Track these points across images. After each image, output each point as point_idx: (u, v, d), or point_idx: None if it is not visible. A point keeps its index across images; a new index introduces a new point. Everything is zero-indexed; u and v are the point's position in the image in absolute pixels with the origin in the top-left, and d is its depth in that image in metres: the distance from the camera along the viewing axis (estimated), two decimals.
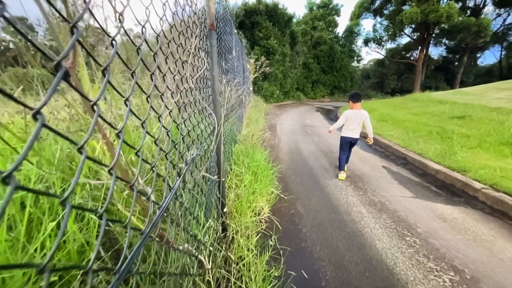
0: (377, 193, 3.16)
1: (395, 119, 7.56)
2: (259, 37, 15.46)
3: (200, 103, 1.50)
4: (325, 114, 11.95)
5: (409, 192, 3.23)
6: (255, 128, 5.52)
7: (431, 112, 7.69)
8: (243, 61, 5.64)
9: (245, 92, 5.55)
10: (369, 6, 25.93)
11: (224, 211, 1.87)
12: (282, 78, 17.49)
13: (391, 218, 2.56)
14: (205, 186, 1.59)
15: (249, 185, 2.36)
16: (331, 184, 3.38)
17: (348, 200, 2.93)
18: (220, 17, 2.37)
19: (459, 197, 3.13)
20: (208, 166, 1.51)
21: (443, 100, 8.89)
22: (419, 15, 19.21)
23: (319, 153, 4.90)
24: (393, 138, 5.65)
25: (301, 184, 3.37)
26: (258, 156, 3.03)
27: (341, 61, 24.27)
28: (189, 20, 1.28)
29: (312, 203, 2.82)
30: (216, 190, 1.79)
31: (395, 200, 2.98)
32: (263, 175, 2.70)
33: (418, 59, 24.89)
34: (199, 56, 1.38)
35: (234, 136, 3.12)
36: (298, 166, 4.09)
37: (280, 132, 6.89)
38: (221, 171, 1.74)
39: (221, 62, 2.11)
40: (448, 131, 5.46)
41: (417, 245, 2.14)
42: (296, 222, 2.43)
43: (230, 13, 2.97)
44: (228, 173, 2.49)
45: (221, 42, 2.41)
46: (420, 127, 6.21)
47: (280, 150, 4.93)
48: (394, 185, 3.47)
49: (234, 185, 2.36)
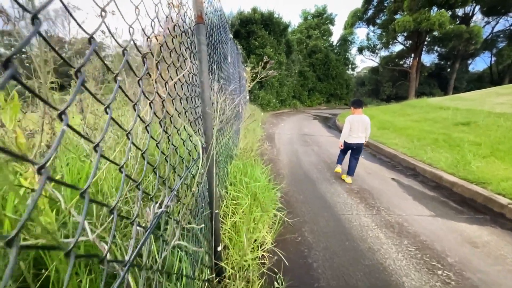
0: (392, 212, 2.81)
1: (396, 127, 7.31)
2: (255, 46, 15.37)
3: (186, 116, 1.16)
4: (323, 122, 11.71)
5: (427, 210, 2.89)
6: (253, 139, 5.18)
7: (433, 119, 7.48)
8: (239, 69, 5.36)
9: (241, 101, 5.24)
10: (362, 16, 26.39)
11: (218, 250, 1.49)
12: (278, 87, 17.34)
13: (414, 245, 2.20)
14: (194, 221, 1.22)
15: (248, 211, 1.99)
16: (340, 202, 3.02)
17: (361, 222, 2.57)
18: (212, 13, 2.06)
19: (483, 214, 2.79)
20: (194, 208, 1.15)
21: (443, 106, 8.72)
22: (411, 23, 19.50)
23: (322, 164, 4.56)
24: (398, 147, 5.36)
25: (306, 202, 3.01)
26: (258, 173, 2.67)
27: (337, 69, 24.38)
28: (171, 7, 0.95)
29: (321, 227, 2.45)
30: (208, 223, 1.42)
31: (413, 220, 2.63)
32: (264, 197, 2.33)
33: (412, 66, 25.18)
34: (183, 56, 1.04)
35: (230, 151, 2.77)
36: (300, 181, 3.73)
37: (279, 142, 6.56)
38: (213, 201, 1.37)
39: (213, 65, 1.78)
40: (456, 139, 5.19)
41: (453, 282, 1.78)
42: (305, 254, 2.05)
43: (224, 15, 2.68)
44: (224, 197, 2.11)
45: (214, 45, 2.09)
46: (424, 135, 5.95)
47: (280, 163, 4.58)
48: (408, 201, 3.12)
49: (230, 212, 1.99)
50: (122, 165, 0.60)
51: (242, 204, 2.13)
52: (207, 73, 1.16)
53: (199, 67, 1.18)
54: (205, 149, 1.27)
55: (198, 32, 1.12)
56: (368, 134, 3.51)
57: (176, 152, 0.97)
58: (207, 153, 1.27)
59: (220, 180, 2.03)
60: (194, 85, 1.23)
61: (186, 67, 0.92)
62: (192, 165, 1.03)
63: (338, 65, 24.57)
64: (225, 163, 2.33)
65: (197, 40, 1.13)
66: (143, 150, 0.75)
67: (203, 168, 1.21)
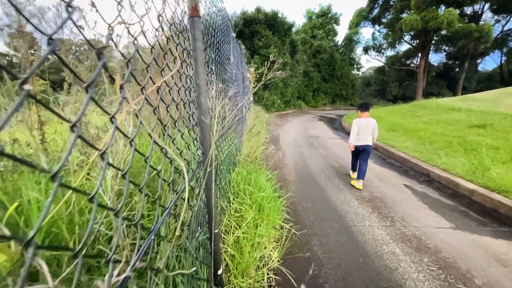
0: (408, 223, 2.60)
1: (406, 129, 7.04)
2: (259, 46, 15.20)
3: (182, 124, 0.99)
4: (329, 123, 11.46)
5: (446, 221, 2.66)
6: (257, 143, 5.00)
7: (445, 121, 7.18)
8: (243, 69, 5.19)
9: (245, 103, 5.07)
10: (367, 15, 25.99)
11: (218, 274, 1.32)
12: (282, 87, 17.13)
13: (435, 263, 1.99)
14: (190, 246, 1.06)
15: (253, 224, 1.81)
16: (351, 212, 2.82)
17: (375, 235, 2.36)
18: (214, 12, 1.90)
19: (508, 226, 2.56)
20: (191, 222, 0.98)
21: (455, 107, 8.40)
22: (419, 22, 19.06)
23: (330, 169, 4.36)
24: (409, 151, 5.11)
25: (314, 211, 2.81)
26: (263, 181, 2.49)
27: (342, 69, 24.03)
28: None
29: (331, 241, 2.26)
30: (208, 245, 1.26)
31: (432, 233, 2.41)
32: (269, 208, 2.15)
33: (419, 66, 24.67)
34: (172, 54, 0.88)
35: (233, 158, 2.60)
36: (307, 187, 3.53)
37: (284, 144, 6.37)
38: (213, 220, 1.20)
39: (212, 65, 1.61)
40: (471, 142, 4.92)
41: None
42: (315, 273, 1.86)
43: (225, 11, 2.51)
44: (225, 210, 1.94)
45: (215, 44, 1.93)
46: (436, 138, 5.68)
47: (286, 167, 4.38)
48: (425, 210, 2.90)
49: (233, 226, 1.81)
50: (93, 195, 0.44)
51: (245, 217, 1.95)
52: (204, 74, 0.99)
53: (195, 67, 1.01)
54: (202, 162, 1.09)
55: (193, 27, 0.95)
56: (375, 136, 3.54)
57: (158, 176, 0.80)
58: (204, 166, 1.10)
59: (222, 191, 1.86)
60: (188, 89, 1.06)
61: (176, 66, 0.74)
62: (182, 190, 0.85)
63: (343, 65, 24.23)
64: (227, 172, 2.16)
65: (191, 36, 0.96)
66: (124, 171, 0.59)
67: (198, 187, 1.04)
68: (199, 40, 0.97)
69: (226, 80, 2.71)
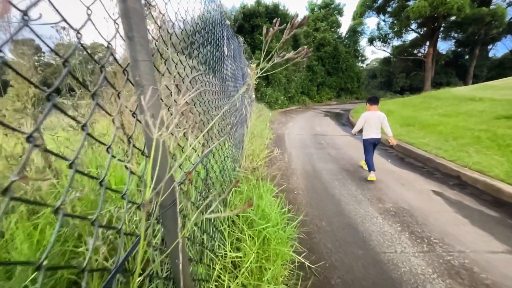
0: (450, 247, 2.08)
1: (423, 123, 6.43)
2: (260, 40, 14.59)
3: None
4: (336, 119, 10.87)
5: (497, 242, 2.14)
6: (260, 146, 4.51)
7: (466, 112, 6.55)
8: (242, 65, 4.68)
9: (246, 103, 4.57)
10: (371, 4, 24.96)
11: None
12: (285, 83, 16.51)
13: None
14: None
15: (255, 263, 1.33)
16: (375, 232, 2.31)
17: (411, 267, 1.85)
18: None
19: None
20: None
21: (475, 97, 7.72)
22: (427, 9, 18.09)
23: (343, 174, 3.83)
24: (430, 148, 4.54)
25: (331, 233, 2.31)
26: (267, 201, 1.99)
27: (347, 61, 23.15)
28: None
29: (357, 278, 1.76)
30: None
31: (485, 261, 1.89)
32: (276, 240, 1.65)
33: (427, 55, 23.65)
34: None
35: (229, 174, 2.10)
36: (320, 200, 3.02)
37: (290, 145, 5.85)
38: None
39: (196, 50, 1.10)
40: (503, 136, 4.32)
41: None
42: None
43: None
44: (215, 260, 1.44)
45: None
46: (460, 132, 5.09)
47: (293, 175, 3.87)
48: (466, 226, 2.38)
49: (227, 278, 1.33)
50: None
51: (247, 256, 1.47)
52: (149, 54, 0.50)
53: (130, 50, 0.52)
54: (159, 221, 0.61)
55: None
56: (388, 130, 3.48)
57: None
58: (164, 229, 0.61)
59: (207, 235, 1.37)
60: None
61: None
62: None
63: (348, 57, 23.34)
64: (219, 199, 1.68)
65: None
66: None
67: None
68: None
69: (218, 72, 2.22)
